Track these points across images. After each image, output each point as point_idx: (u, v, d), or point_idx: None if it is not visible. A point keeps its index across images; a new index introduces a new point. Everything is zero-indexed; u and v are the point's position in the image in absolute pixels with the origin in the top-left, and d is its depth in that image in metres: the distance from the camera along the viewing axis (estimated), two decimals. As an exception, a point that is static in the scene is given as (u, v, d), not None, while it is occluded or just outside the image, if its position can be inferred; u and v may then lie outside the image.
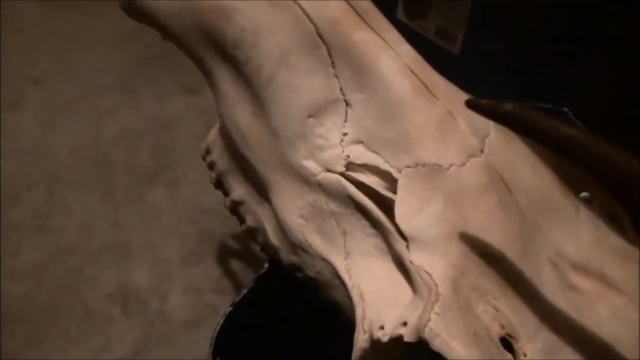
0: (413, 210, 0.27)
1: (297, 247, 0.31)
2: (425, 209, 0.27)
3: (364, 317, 0.28)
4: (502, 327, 0.26)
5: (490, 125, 0.30)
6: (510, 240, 0.28)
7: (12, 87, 0.84)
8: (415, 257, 0.27)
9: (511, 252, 0.27)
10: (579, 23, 0.68)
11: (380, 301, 0.28)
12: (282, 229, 0.31)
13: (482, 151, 0.28)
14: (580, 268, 0.30)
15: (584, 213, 0.32)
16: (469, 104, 0.21)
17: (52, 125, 0.82)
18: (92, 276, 0.69)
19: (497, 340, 0.25)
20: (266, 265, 0.36)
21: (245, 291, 0.36)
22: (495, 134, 0.30)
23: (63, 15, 1.00)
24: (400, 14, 0.90)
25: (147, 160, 0.78)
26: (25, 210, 0.73)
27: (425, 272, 0.26)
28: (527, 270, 0.28)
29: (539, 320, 0.27)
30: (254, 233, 0.35)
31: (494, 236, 0.27)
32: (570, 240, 0.30)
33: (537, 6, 0.67)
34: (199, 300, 0.67)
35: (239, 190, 0.34)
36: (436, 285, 0.26)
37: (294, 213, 0.30)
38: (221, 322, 0.34)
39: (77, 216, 0.74)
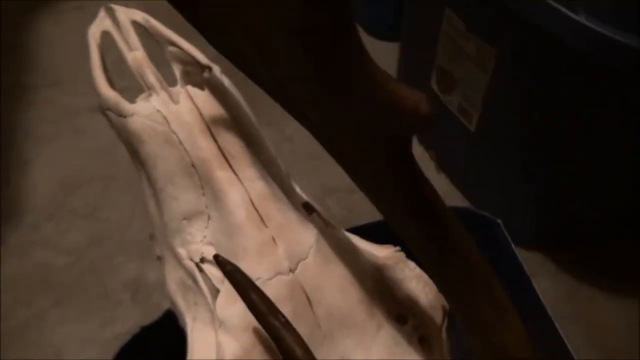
0: (227, 303, 0.38)
1: (173, 303, 0.43)
2: (235, 304, 0.38)
3: (187, 368, 0.39)
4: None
5: (310, 252, 0.40)
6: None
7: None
8: (220, 337, 0.38)
9: (291, 350, 0.38)
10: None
11: (200, 360, 0.39)
12: (167, 288, 0.44)
13: (291, 270, 0.39)
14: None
15: (386, 331, 0.41)
16: (214, 257, 0.32)
17: (122, 133, 1.00)
18: (117, 264, 0.86)
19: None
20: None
21: (157, 318, 0.49)
22: (314, 259, 0.40)
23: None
24: (433, 84, 0.98)
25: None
26: (82, 199, 0.92)
27: (223, 348, 0.37)
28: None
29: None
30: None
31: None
32: (360, 352, 0.40)
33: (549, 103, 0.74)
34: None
35: (157, 249, 0.47)
36: (223, 360, 0.37)
37: (172, 280, 0.43)
38: (126, 341, 0.47)
39: (121, 212, 0.91)
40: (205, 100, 0.41)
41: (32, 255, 0.85)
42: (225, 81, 0.42)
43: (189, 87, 0.41)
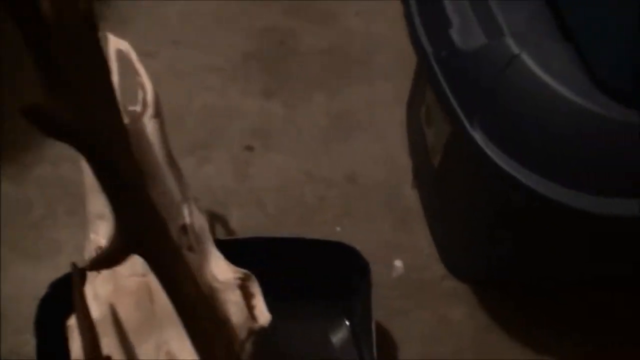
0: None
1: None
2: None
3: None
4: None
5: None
6: (133, 317, 0.58)
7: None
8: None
9: (130, 323, 0.58)
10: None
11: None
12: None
13: (144, 275, 0.58)
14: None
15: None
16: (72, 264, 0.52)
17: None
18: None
19: None
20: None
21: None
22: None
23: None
24: (421, 115, 1.09)
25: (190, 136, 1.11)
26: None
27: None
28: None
29: None
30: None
31: (124, 311, 0.58)
32: (178, 341, 0.59)
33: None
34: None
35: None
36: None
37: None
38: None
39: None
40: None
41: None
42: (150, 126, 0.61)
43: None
